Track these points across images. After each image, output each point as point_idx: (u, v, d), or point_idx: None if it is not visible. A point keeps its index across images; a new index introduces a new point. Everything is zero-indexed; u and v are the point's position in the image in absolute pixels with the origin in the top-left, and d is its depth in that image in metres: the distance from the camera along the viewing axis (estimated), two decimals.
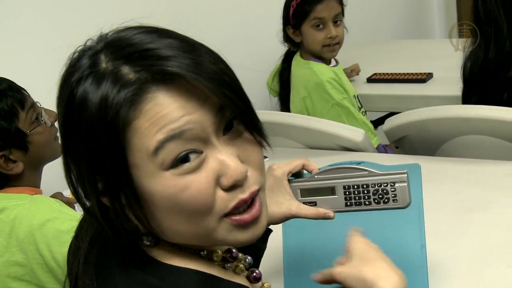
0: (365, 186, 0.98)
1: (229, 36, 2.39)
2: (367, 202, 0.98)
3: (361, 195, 0.98)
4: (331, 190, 0.99)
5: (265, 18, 2.43)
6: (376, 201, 0.98)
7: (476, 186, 1.48)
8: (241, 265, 0.75)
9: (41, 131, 1.32)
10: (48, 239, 1.15)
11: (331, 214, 0.98)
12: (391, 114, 1.99)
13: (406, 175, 0.99)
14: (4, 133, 1.24)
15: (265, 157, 2.08)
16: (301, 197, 1.01)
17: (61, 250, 1.14)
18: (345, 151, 1.79)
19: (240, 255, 0.75)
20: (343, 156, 1.77)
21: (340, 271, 0.81)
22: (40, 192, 1.33)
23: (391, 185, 0.98)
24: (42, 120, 1.32)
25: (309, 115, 2.03)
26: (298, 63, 2.11)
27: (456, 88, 1.91)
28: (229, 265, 0.73)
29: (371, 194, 0.98)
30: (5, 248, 1.18)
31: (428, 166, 1.62)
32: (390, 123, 1.79)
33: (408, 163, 1.47)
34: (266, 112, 1.92)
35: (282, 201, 0.99)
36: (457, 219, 1.34)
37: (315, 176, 1.01)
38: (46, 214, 1.17)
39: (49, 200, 1.22)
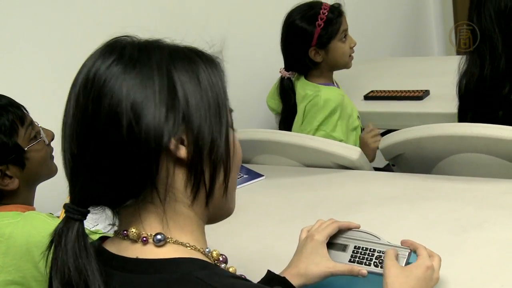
0: (372, 250, 1.13)
1: (231, 53, 2.40)
2: (367, 263, 1.12)
3: (366, 256, 1.13)
4: (343, 247, 1.16)
5: (265, 36, 2.44)
6: (375, 264, 1.11)
7: (472, 204, 1.47)
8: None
9: (39, 148, 1.33)
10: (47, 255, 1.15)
11: (364, 272, 1.09)
12: (388, 131, 1.99)
13: (408, 252, 1.11)
14: (3, 147, 1.25)
15: (262, 175, 2.08)
16: None
17: None
18: (341, 169, 1.79)
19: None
20: (338, 174, 1.77)
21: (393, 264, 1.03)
22: (33, 210, 1.33)
23: None
24: (40, 137, 1.33)
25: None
26: (305, 85, 2.08)
27: (452, 105, 1.91)
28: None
29: (374, 258, 1.12)
30: (1, 267, 1.18)
31: (424, 184, 1.64)
32: (386, 141, 1.79)
33: (404, 181, 1.49)
34: (262, 130, 1.93)
35: (319, 261, 1.11)
36: (452, 237, 1.34)
37: (336, 233, 1.18)
38: (42, 230, 1.17)
39: (42, 216, 1.22)
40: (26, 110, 1.34)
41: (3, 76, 1.79)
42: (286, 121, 2.12)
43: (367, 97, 2.38)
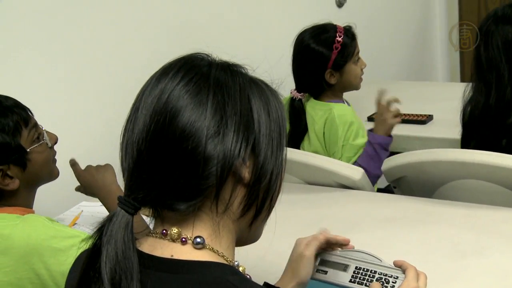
0: (373, 271, 1.13)
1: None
2: (367, 284, 1.12)
3: (366, 277, 1.13)
4: (344, 267, 1.16)
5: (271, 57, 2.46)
6: None
7: (472, 230, 1.48)
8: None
9: (41, 150, 1.33)
10: (46, 258, 1.15)
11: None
12: (390, 154, 2.00)
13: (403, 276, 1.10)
14: (6, 147, 1.25)
15: None
16: (318, 264, 1.18)
17: (60, 268, 1.14)
18: (343, 189, 1.80)
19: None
20: (340, 193, 1.78)
21: None
22: (32, 213, 1.33)
23: (394, 278, 1.11)
24: (43, 140, 1.33)
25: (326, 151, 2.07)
26: (314, 105, 2.10)
27: (455, 131, 1.93)
28: None
29: (374, 279, 1.12)
30: None
31: (425, 208, 1.64)
32: (388, 163, 1.80)
33: (405, 204, 1.49)
34: None
35: (301, 255, 1.15)
36: (451, 262, 1.34)
37: (339, 252, 1.19)
38: (42, 233, 1.17)
39: (41, 218, 1.22)
40: (31, 112, 1.34)
41: (10, 78, 1.80)
42: (293, 139, 2.12)
43: (370, 119, 2.39)
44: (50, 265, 1.15)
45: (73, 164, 1.51)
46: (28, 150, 1.29)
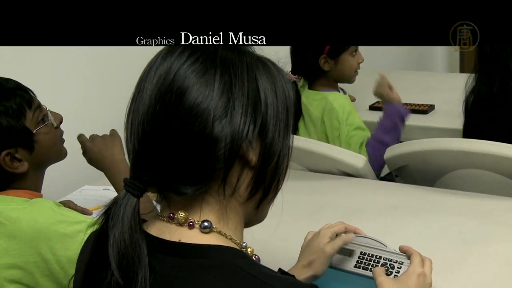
0: (378, 257, 1.14)
1: None
2: (372, 270, 1.10)
3: (371, 263, 1.14)
4: (350, 252, 1.18)
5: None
6: None
7: (475, 219, 1.48)
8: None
9: (47, 131, 1.32)
10: (52, 243, 1.14)
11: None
12: None
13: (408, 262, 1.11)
14: (12, 130, 1.24)
15: None
16: None
17: (66, 253, 1.14)
18: (345, 176, 1.80)
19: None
20: (343, 181, 1.78)
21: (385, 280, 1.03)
22: (40, 196, 1.33)
23: (399, 263, 1.12)
24: (48, 120, 1.32)
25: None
26: (308, 94, 2.12)
27: (457, 121, 1.93)
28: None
29: (379, 265, 1.13)
30: (5, 250, 1.17)
31: (428, 196, 1.65)
32: (391, 151, 1.81)
33: (408, 192, 1.48)
34: None
35: (318, 250, 1.15)
36: (455, 250, 1.35)
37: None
38: (49, 218, 1.17)
39: (49, 203, 1.22)
40: (34, 94, 1.33)
41: (11, 60, 1.79)
42: None
43: (372, 107, 2.39)
44: (57, 250, 1.15)
45: (79, 135, 1.49)
46: (34, 132, 1.29)
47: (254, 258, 0.82)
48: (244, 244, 0.82)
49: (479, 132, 1.80)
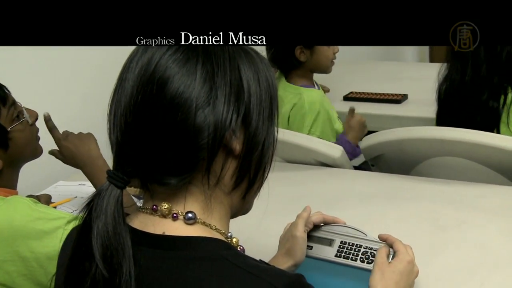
0: (358, 246, 1.15)
1: None
2: (353, 259, 1.14)
3: (352, 251, 1.15)
4: (329, 242, 1.18)
5: None
6: (361, 259, 1.14)
7: (450, 205, 1.51)
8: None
9: (22, 128, 1.30)
10: (30, 241, 1.13)
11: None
12: (368, 133, 2.02)
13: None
14: None
15: None
16: None
17: (45, 250, 1.12)
18: (322, 167, 1.81)
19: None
20: (320, 171, 1.79)
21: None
22: (16, 194, 1.31)
23: None
24: (23, 118, 1.30)
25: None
26: (285, 87, 2.11)
27: (430, 110, 1.96)
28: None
29: (360, 253, 1.14)
30: None
31: (404, 184, 1.67)
32: (367, 141, 1.82)
33: (384, 180, 1.47)
34: None
35: (295, 236, 1.16)
36: (431, 236, 1.37)
37: (322, 228, 1.20)
38: (26, 215, 1.15)
39: (26, 200, 1.20)
40: (8, 90, 1.31)
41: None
42: None
43: (346, 98, 2.41)
44: (35, 247, 1.13)
45: (51, 127, 1.46)
46: (8, 129, 1.26)
47: (239, 249, 0.82)
48: (229, 234, 0.81)
49: (452, 119, 1.83)
